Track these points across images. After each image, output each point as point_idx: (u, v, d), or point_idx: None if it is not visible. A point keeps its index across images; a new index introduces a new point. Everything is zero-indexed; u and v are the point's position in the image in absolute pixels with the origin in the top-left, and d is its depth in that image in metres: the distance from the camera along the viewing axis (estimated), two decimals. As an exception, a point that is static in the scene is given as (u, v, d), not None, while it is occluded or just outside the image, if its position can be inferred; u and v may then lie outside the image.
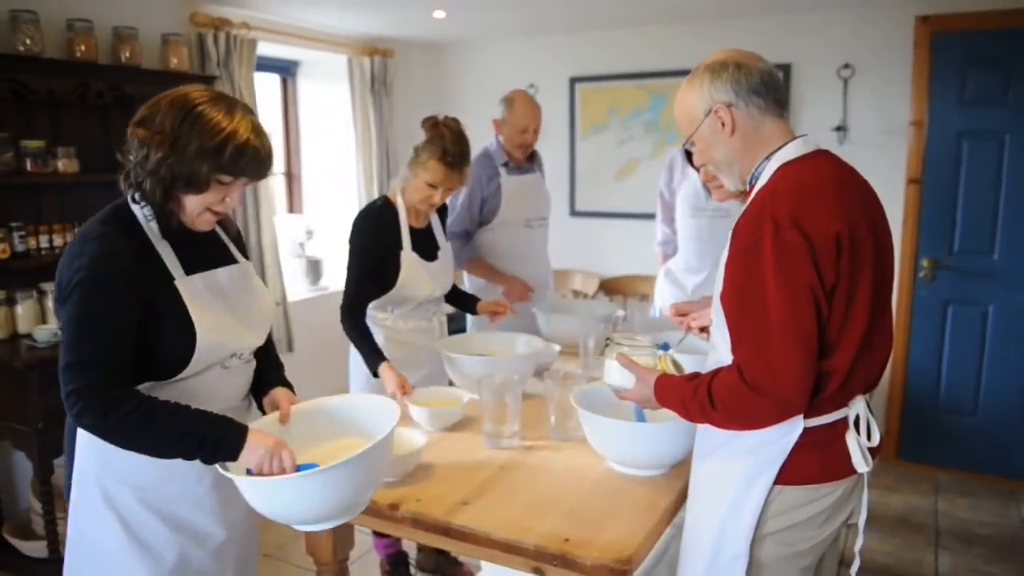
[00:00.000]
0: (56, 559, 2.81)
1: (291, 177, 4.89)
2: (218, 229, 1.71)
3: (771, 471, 1.43)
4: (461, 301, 2.82)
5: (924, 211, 3.88)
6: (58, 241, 3.06)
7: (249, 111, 1.52)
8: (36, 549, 2.91)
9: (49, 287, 3.02)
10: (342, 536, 1.94)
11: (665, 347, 2.36)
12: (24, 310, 2.97)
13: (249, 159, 1.47)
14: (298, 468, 1.46)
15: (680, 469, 1.82)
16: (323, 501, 1.44)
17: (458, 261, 3.09)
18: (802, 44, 4.07)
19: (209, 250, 1.65)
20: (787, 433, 1.42)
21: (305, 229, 4.75)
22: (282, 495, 1.43)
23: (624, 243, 4.33)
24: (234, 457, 1.45)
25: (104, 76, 3.13)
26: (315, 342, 4.25)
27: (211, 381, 1.59)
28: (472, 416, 2.22)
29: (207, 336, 1.53)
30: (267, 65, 4.46)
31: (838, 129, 3.99)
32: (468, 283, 3.34)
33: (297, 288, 4.50)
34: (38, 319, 3.00)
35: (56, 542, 2.81)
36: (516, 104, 3.13)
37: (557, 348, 2.64)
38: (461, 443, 2.07)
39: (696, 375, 1.49)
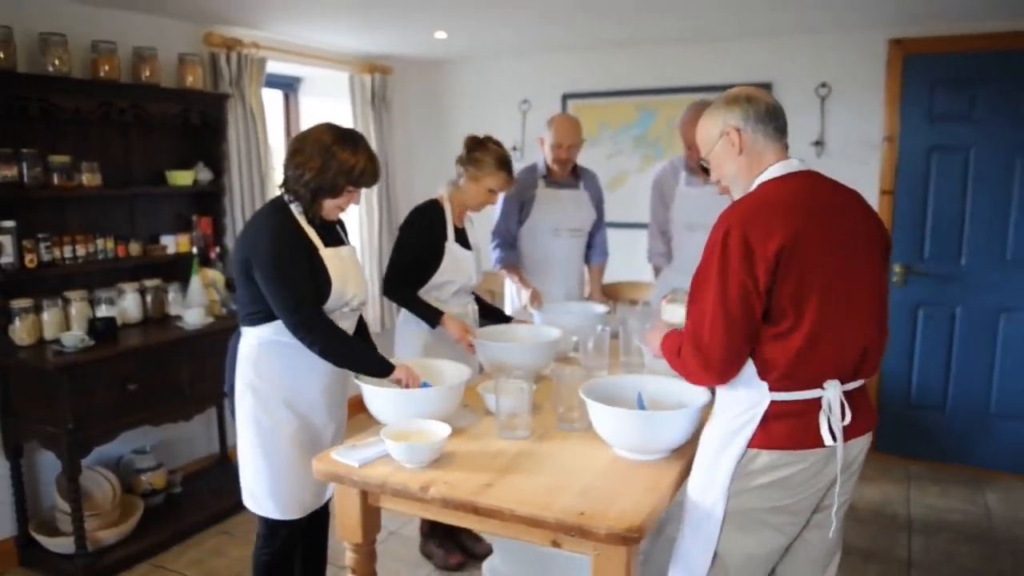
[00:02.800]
0: (84, 554, 2.96)
1: (292, 188, 5.05)
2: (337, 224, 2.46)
3: (743, 435, 1.73)
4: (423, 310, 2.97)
5: (897, 220, 4.14)
6: (81, 251, 3.22)
7: (364, 142, 2.28)
8: (61, 545, 3.06)
9: (73, 295, 3.19)
10: (371, 521, 2.12)
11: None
12: (49, 317, 3.13)
13: (368, 176, 2.26)
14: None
15: (679, 453, 2.02)
16: (415, 411, 2.16)
17: (499, 264, 3.53)
18: (782, 65, 4.32)
19: (334, 233, 2.39)
20: (755, 405, 1.72)
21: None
22: (392, 401, 2.20)
23: (614, 251, 4.51)
24: (387, 374, 2.27)
25: (126, 94, 3.30)
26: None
27: (334, 320, 2.29)
28: (481, 412, 2.42)
29: (336, 287, 2.27)
30: (270, 81, 4.63)
31: (816, 144, 4.24)
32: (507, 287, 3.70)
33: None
34: (62, 326, 3.16)
35: (83, 538, 2.96)
36: (553, 124, 3.48)
37: (574, 338, 2.91)
38: (476, 435, 2.26)
39: None
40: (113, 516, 3.20)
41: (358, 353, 2.30)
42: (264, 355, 2.30)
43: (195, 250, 3.63)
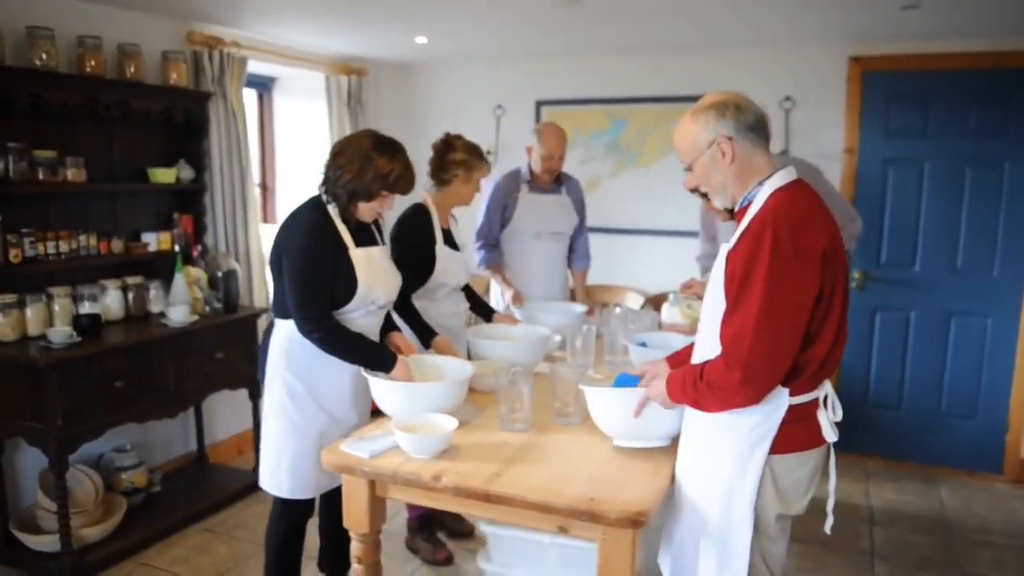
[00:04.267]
0: (69, 552, 2.93)
1: (265, 189, 5.05)
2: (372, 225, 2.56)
3: (765, 444, 1.76)
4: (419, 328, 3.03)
5: (856, 228, 4.35)
6: (64, 248, 3.20)
7: (403, 151, 2.39)
8: (43, 543, 3.03)
9: (57, 291, 3.16)
10: (377, 512, 2.18)
11: (643, 344, 2.78)
12: (33, 313, 3.10)
13: (403, 183, 2.38)
14: None
15: (675, 442, 2.13)
16: (423, 405, 2.24)
17: (483, 264, 3.62)
18: (747, 78, 4.49)
19: (367, 233, 2.49)
20: (775, 411, 1.75)
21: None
22: (401, 394, 2.28)
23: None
24: (390, 369, 2.35)
25: (112, 90, 3.29)
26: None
27: (358, 319, 2.44)
28: (481, 405, 2.50)
29: (363, 286, 2.37)
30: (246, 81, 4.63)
31: (781, 154, 4.42)
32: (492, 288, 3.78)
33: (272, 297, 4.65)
34: (46, 322, 3.13)
35: (69, 535, 2.94)
36: (543, 135, 3.56)
37: (558, 338, 3.01)
38: (477, 427, 2.34)
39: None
40: (96, 514, 3.18)
41: (358, 347, 2.38)
42: (295, 347, 2.40)
43: (177, 248, 3.62)
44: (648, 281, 4.89)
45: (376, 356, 2.38)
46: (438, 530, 3.38)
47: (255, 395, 3.81)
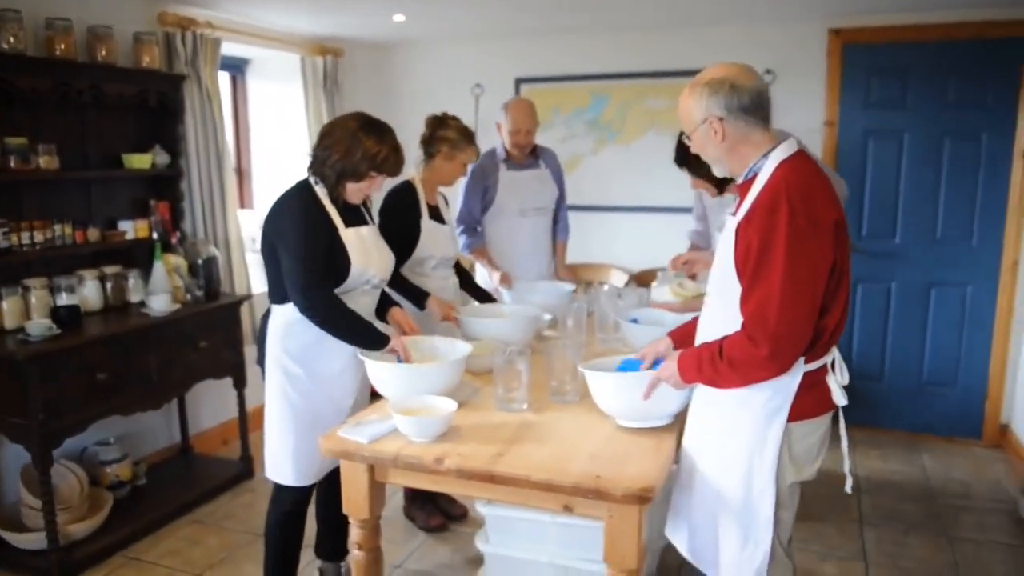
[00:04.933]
0: (56, 549, 2.87)
1: (241, 173, 4.95)
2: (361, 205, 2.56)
3: (783, 412, 1.77)
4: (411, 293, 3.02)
5: (837, 201, 4.38)
6: (39, 238, 3.11)
7: (391, 133, 2.38)
8: (29, 541, 2.96)
9: (33, 283, 3.07)
10: (377, 497, 2.15)
11: (635, 320, 2.77)
12: (9, 306, 3.01)
13: (391, 165, 2.37)
14: None
15: (676, 422, 2.13)
16: (421, 387, 2.21)
17: (466, 249, 3.55)
18: (729, 52, 4.47)
19: (356, 214, 2.48)
20: (792, 379, 1.75)
21: (259, 225, 4.84)
22: (398, 377, 2.26)
23: (572, 232, 4.63)
24: (382, 347, 2.34)
25: (84, 74, 3.19)
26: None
27: (354, 297, 2.42)
28: (478, 386, 2.48)
29: (356, 266, 2.37)
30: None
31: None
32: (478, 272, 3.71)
33: (254, 283, 4.58)
34: (23, 314, 3.05)
35: (55, 532, 2.87)
36: (509, 110, 3.53)
37: (548, 316, 3.00)
38: (475, 408, 2.31)
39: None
40: (82, 510, 3.11)
41: (354, 326, 2.35)
42: (293, 331, 2.40)
43: (155, 235, 3.54)
44: (631, 259, 4.89)
45: (370, 336, 2.36)
46: (433, 507, 3.38)
47: (240, 384, 3.76)
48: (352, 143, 2.30)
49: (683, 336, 2.15)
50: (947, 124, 4.13)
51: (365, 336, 2.35)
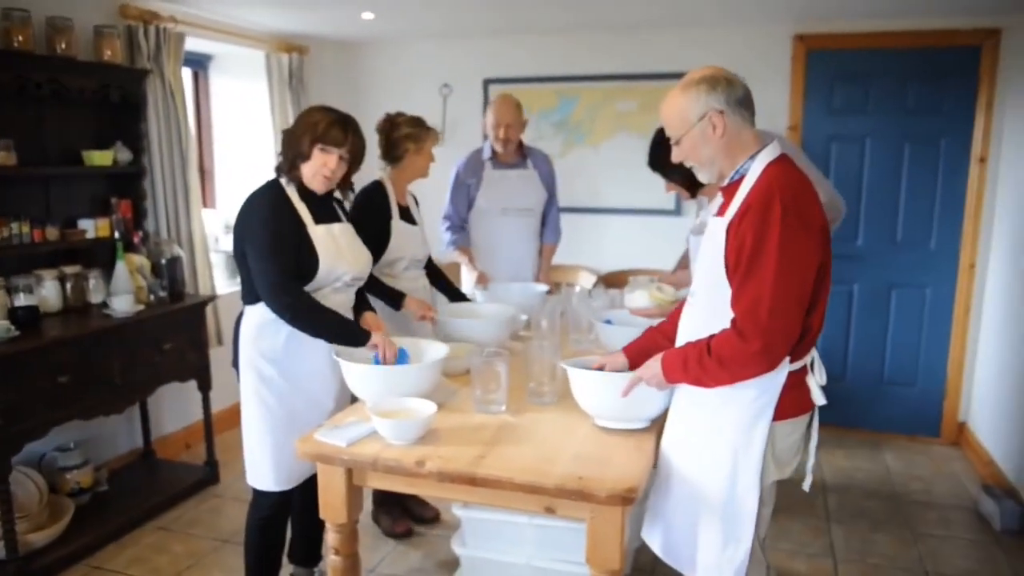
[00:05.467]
0: (15, 559, 2.77)
1: (203, 172, 4.84)
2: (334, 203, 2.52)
3: (768, 412, 1.79)
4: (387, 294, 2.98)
5: (801, 204, 4.45)
6: (-4, 236, 2.99)
7: (342, 113, 2.33)
8: (-16, 551, 2.85)
9: (-10, 283, 2.96)
10: (355, 501, 2.12)
11: (608, 321, 2.78)
12: (-35, 306, 2.90)
13: (334, 132, 2.26)
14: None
15: (655, 424, 2.13)
16: (398, 389, 2.18)
17: (451, 246, 3.57)
18: (695, 56, 4.52)
19: (328, 210, 2.43)
20: (777, 378, 1.77)
21: (224, 224, 4.75)
22: (376, 379, 2.22)
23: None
24: (363, 343, 2.28)
25: (42, 67, 3.08)
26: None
27: (326, 295, 2.37)
28: (454, 387, 2.46)
29: (325, 263, 2.31)
30: (183, 59, 4.43)
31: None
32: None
33: (218, 283, 4.48)
34: (-21, 315, 2.93)
35: (14, 541, 2.77)
36: (492, 106, 3.53)
37: (524, 317, 2.98)
38: (453, 409, 2.29)
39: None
40: (41, 518, 3.01)
41: (330, 322, 2.29)
42: (266, 332, 2.36)
43: (117, 234, 3.44)
44: (598, 260, 4.91)
45: (348, 332, 2.31)
46: (401, 512, 3.33)
47: (205, 386, 3.67)
48: (299, 121, 2.31)
49: (638, 352, 2.15)
50: (907, 130, 4.24)
51: (343, 332, 2.30)
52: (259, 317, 2.35)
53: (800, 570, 3.04)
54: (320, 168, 2.30)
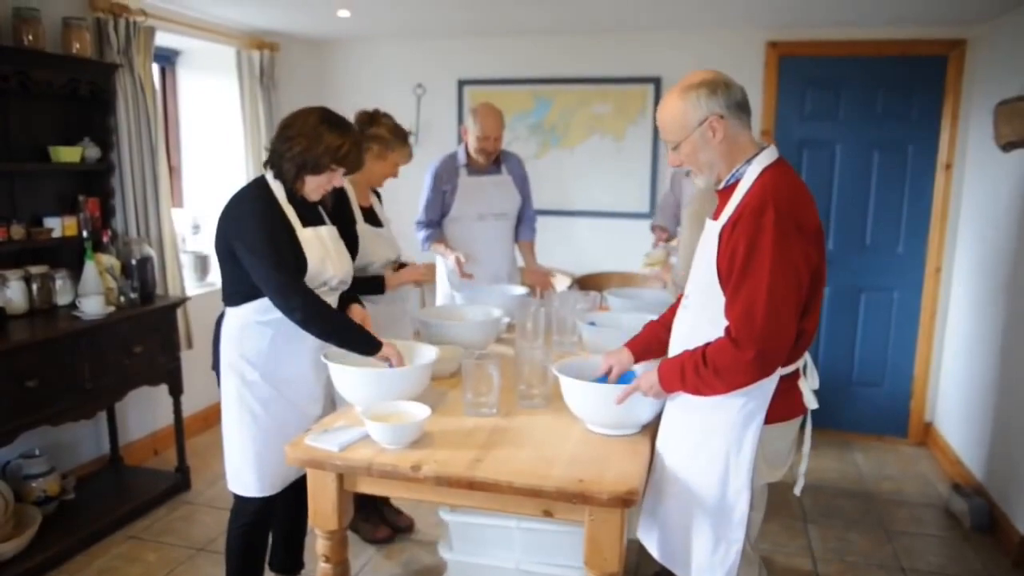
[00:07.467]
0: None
1: (171, 170, 4.72)
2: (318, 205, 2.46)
3: (760, 416, 1.79)
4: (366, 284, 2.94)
5: (773, 208, 4.52)
6: (-43, 235, 2.88)
7: (353, 129, 2.34)
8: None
9: (-48, 283, 2.83)
10: (345, 507, 2.07)
11: (591, 323, 2.78)
12: (-75, 308, 2.77)
13: (352, 160, 2.30)
14: None
15: (648, 428, 2.13)
16: (389, 392, 2.16)
17: (427, 243, 3.56)
18: (668, 59, 4.58)
19: (314, 214, 2.38)
20: (768, 382, 1.78)
21: (191, 223, 4.64)
22: (366, 382, 2.17)
23: (514, 237, 4.65)
24: (375, 352, 2.24)
25: (9, 60, 2.97)
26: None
27: None
28: (442, 390, 2.44)
29: (313, 266, 2.26)
30: (151, 54, 4.31)
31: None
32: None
33: (188, 285, 4.37)
34: (-60, 317, 2.81)
35: (-22, 551, 2.66)
36: (479, 116, 3.47)
37: (506, 319, 2.96)
38: (444, 413, 2.26)
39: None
40: (7, 528, 2.88)
41: (343, 326, 2.26)
42: (247, 335, 2.31)
43: (85, 233, 3.33)
44: (573, 262, 4.92)
45: (361, 338, 2.26)
46: (379, 518, 3.27)
47: (176, 391, 3.57)
48: (315, 135, 2.23)
49: (643, 345, 2.16)
50: (876, 136, 4.32)
51: (354, 338, 2.25)
52: (242, 319, 2.29)
53: (780, 569, 3.07)
54: (325, 183, 2.30)
